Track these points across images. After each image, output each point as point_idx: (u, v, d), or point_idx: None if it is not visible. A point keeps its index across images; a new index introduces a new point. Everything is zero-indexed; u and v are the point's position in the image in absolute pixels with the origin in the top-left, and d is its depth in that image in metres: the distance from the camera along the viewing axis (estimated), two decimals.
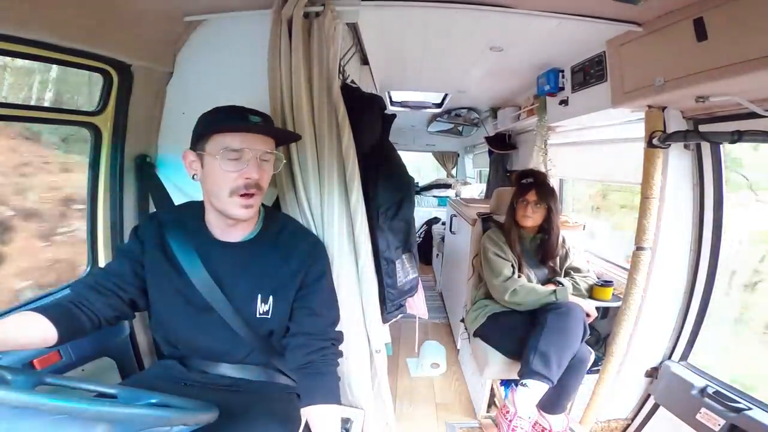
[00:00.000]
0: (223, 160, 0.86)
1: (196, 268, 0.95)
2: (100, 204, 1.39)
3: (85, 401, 0.54)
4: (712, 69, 1.16)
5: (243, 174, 0.87)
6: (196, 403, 0.71)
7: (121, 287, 0.96)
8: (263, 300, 0.98)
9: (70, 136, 1.50)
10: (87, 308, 0.90)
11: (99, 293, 0.93)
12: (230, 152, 0.86)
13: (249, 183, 0.87)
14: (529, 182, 1.85)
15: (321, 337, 1.00)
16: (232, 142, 0.87)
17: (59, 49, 1.10)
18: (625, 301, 1.65)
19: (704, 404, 1.45)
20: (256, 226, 1.02)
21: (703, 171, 1.60)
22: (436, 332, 3.02)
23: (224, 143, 0.87)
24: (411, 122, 4.63)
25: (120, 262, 1.00)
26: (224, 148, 0.86)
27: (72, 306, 0.89)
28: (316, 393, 0.96)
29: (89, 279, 0.97)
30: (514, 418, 1.59)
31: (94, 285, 0.94)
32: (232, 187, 0.87)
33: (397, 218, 1.45)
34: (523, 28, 1.60)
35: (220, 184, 0.88)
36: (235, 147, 0.86)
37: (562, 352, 1.51)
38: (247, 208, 0.89)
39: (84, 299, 0.91)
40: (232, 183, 0.87)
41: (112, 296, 0.95)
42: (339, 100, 1.27)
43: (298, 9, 1.21)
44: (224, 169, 0.87)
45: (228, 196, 0.88)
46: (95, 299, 0.92)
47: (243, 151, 0.87)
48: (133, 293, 0.98)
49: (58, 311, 0.86)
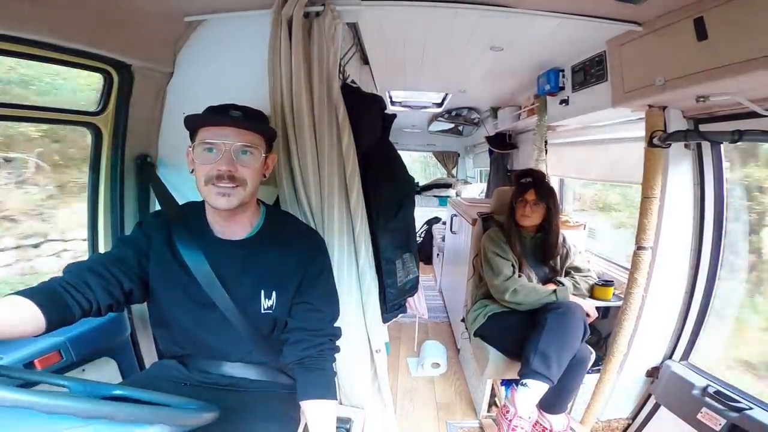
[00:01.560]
0: (199, 152, 0.92)
1: (201, 266, 0.96)
2: (101, 204, 1.40)
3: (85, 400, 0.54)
4: (713, 69, 1.16)
5: (215, 165, 0.91)
6: (196, 403, 0.71)
7: (125, 274, 0.93)
8: (267, 295, 0.99)
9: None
10: (81, 293, 0.86)
11: (100, 277, 0.89)
12: (204, 144, 0.91)
13: (220, 174, 0.90)
14: (528, 182, 1.85)
15: (319, 332, 1.01)
16: (206, 136, 0.91)
17: (59, 49, 1.10)
18: (625, 300, 1.65)
19: (705, 404, 1.45)
20: (257, 223, 1.03)
21: (704, 170, 1.60)
22: (436, 332, 3.02)
23: (201, 137, 0.92)
24: (411, 122, 4.63)
25: (123, 250, 0.97)
26: (201, 141, 0.92)
27: (62, 290, 0.84)
28: (311, 388, 0.97)
29: (91, 262, 0.93)
30: (514, 418, 1.59)
31: (95, 268, 0.90)
32: (206, 177, 0.92)
33: (397, 218, 1.45)
34: (524, 28, 1.60)
35: (198, 175, 0.93)
36: (209, 140, 0.91)
37: (563, 352, 1.51)
38: (223, 196, 0.92)
39: (81, 282, 0.87)
40: (206, 173, 0.91)
41: (112, 282, 0.91)
42: (339, 100, 1.27)
43: (299, 9, 1.21)
44: (199, 162, 0.92)
45: (204, 185, 0.92)
46: (94, 283, 0.88)
47: (216, 144, 0.91)
48: (134, 283, 0.95)
49: (47, 296, 0.81)
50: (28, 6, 0.96)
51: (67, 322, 0.83)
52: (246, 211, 1.00)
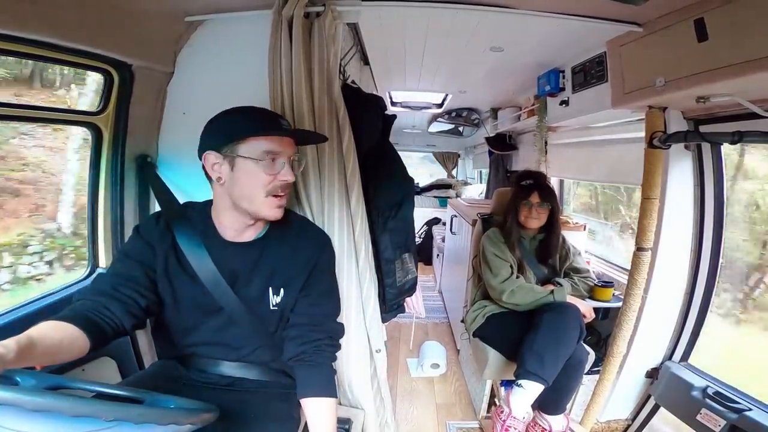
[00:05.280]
0: (263, 163, 0.89)
1: (207, 269, 0.95)
2: (101, 204, 1.39)
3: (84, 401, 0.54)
4: (713, 69, 1.16)
5: (280, 176, 0.90)
6: (196, 403, 0.71)
7: (140, 294, 0.91)
8: (275, 292, 0.99)
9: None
10: (109, 318, 0.85)
11: (119, 301, 0.88)
12: (270, 154, 0.89)
13: (286, 184, 0.91)
14: (530, 184, 1.84)
15: (317, 327, 1.00)
16: (271, 146, 0.89)
17: (60, 49, 1.10)
18: (625, 301, 1.65)
19: (705, 405, 1.45)
20: (266, 224, 1.02)
21: (704, 171, 1.60)
22: (436, 332, 3.02)
23: (263, 147, 0.89)
24: (411, 122, 4.63)
25: (131, 266, 0.94)
26: (264, 152, 0.89)
27: (94, 315, 0.83)
28: (310, 385, 0.97)
29: (103, 286, 0.90)
30: (507, 418, 1.60)
31: (112, 293, 0.88)
32: (269, 189, 0.90)
33: (397, 218, 1.45)
34: (524, 28, 1.60)
35: (256, 186, 0.90)
36: (275, 150, 0.89)
37: (558, 353, 1.50)
38: (280, 208, 0.93)
39: (103, 308, 0.85)
40: (269, 185, 0.90)
41: (131, 304, 0.89)
42: (339, 100, 1.27)
43: (299, 9, 1.21)
44: (265, 172, 0.89)
45: (264, 197, 0.91)
46: (116, 308, 0.86)
47: (279, 153, 0.90)
48: (150, 299, 0.94)
49: (86, 321, 0.80)
50: (28, 6, 0.95)
51: (104, 344, 0.84)
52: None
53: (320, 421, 0.94)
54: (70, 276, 1.54)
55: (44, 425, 0.53)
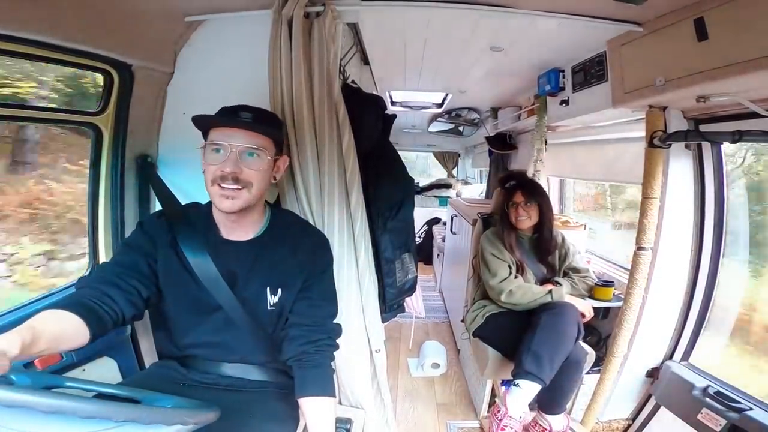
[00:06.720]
0: (207, 153, 0.93)
1: (206, 267, 0.96)
2: (101, 204, 1.39)
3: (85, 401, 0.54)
4: (713, 69, 1.15)
5: (220, 166, 0.91)
6: (196, 403, 0.71)
7: (142, 283, 0.94)
8: (273, 292, 1.00)
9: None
10: (109, 306, 0.87)
11: (120, 289, 0.90)
12: (212, 145, 0.92)
13: (224, 175, 0.91)
14: (513, 185, 1.88)
15: (317, 328, 1.01)
16: (214, 137, 0.92)
17: (60, 49, 1.10)
18: (626, 301, 1.65)
19: (705, 404, 1.44)
20: (263, 224, 1.04)
21: (704, 171, 1.60)
22: (436, 332, 3.02)
23: (210, 137, 0.93)
24: (411, 122, 4.62)
25: (134, 257, 0.96)
26: (209, 142, 0.93)
27: (93, 303, 0.85)
28: (309, 385, 0.97)
29: (105, 274, 0.92)
30: (504, 418, 1.60)
31: (113, 281, 0.90)
32: (212, 177, 0.92)
33: (397, 218, 1.45)
34: (524, 28, 1.60)
35: (206, 175, 0.93)
36: (216, 141, 0.91)
37: (555, 352, 1.50)
38: (227, 198, 0.92)
39: (105, 296, 0.87)
40: (212, 174, 0.92)
41: (132, 293, 0.92)
42: (339, 100, 1.27)
43: (299, 9, 1.21)
44: (207, 162, 0.92)
45: (210, 185, 0.93)
46: (117, 296, 0.89)
47: (223, 145, 0.91)
48: (150, 290, 0.96)
49: (86, 309, 0.82)
50: (28, 6, 0.95)
51: (103, 333, 0.85)
52: (253, 213, 1.00)
53: (321, 420, 0.95)
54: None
55: (44, 425, 0.53)
